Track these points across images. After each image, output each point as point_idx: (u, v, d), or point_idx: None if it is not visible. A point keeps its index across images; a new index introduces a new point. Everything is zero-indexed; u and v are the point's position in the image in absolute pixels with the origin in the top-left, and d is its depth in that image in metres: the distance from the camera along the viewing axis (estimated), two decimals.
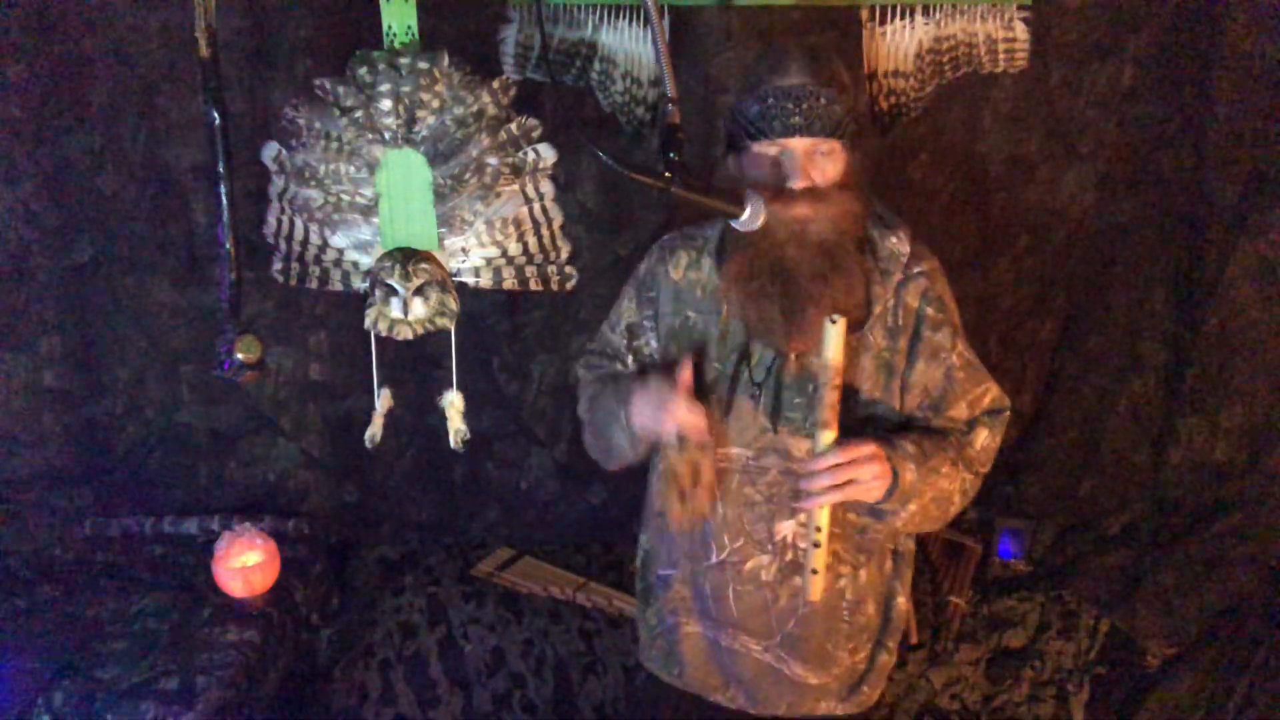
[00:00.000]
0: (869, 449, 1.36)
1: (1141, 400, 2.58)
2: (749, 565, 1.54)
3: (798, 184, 1.38)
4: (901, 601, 1.62)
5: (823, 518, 1.40)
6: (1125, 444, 2.62)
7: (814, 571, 1.43)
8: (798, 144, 1.39)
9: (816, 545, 1.41)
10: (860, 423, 1.47)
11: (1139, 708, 2.27)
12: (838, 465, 1.35)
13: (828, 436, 1.37)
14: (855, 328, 1.44)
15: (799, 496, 1.40)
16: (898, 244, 1.51)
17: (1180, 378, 2.52)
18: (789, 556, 1.52)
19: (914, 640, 2.30)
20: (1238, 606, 2.36)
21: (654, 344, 1.61)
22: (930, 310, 1.50)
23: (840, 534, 1.51)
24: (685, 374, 1.41)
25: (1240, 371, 2.47)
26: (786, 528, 1.51)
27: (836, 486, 1.35)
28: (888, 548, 1.59)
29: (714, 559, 1.55)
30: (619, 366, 1.66)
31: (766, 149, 1.41)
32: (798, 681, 1.58)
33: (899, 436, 1.44)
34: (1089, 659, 2.34)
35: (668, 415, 1.40)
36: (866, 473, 1.35)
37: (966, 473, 1.49)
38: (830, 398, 1.37)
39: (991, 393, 1.54)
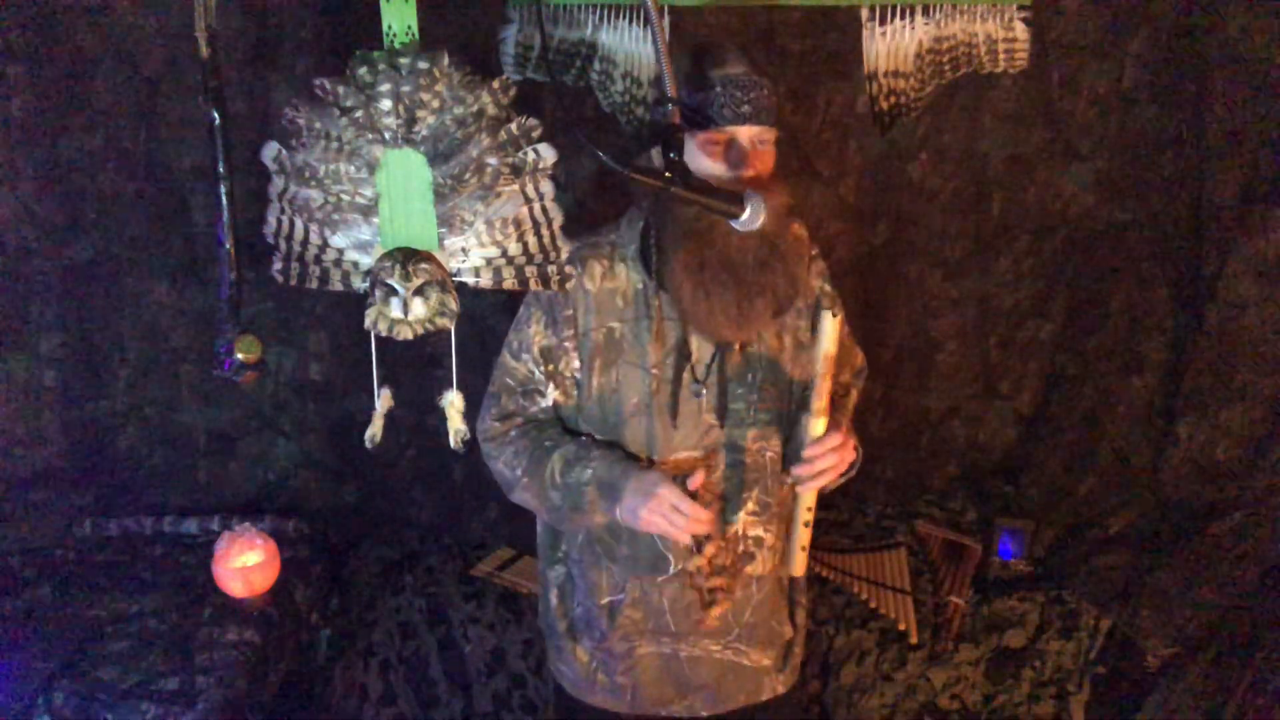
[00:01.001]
0: (844, 430, 1.44)
1: (1141, 400, 2.58)
2: None
3: (745, 173, 1.39)
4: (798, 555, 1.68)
5: (812, 498, 1.47)
6: (1125, 444, 2.62)
7: (802, 549, 1.49)
8: (744, 133, 1.39)
9: (807, 525, 1.48)
10: (796, 402, 1.53)
11: (1139, 708, 2.27)
12: (834, 449, 1.41)
13: (821, 424, 1.43)
14: (780, 312, 1.47)
15: (797, 481, 1.44)
16: (800, 230, 1.56)
17: (1180, 378, 2.52)
18: (741, 549, 1.55)
19: (914, 640, 2.30)
20: (1238, 606, 2.35)
21: (576, 363, 1.52)
22: (828, 288, 1.59)
23: (779, 513, 1.57)
24: (698, 482, 1.44)
25: (1240, 371, 2.46)
26: (737, 521, 1.54)
27: (827, 469, 1.42)
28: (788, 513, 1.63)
29: (671, 570, 1.54)
30: (538, 400, 1.56)
31: (712, 138, 1.40)
32: (754, 668, 1.61)
33: (835, 414, 1.50)
34: (1089, 659, 2.34)
35: (689, 526, 1.40)
36: (849, 453, 1.45)
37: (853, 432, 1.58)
38: (824, 386, 1.42)
39: (860, 356, 1.72)
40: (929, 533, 2.66)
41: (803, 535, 1.49)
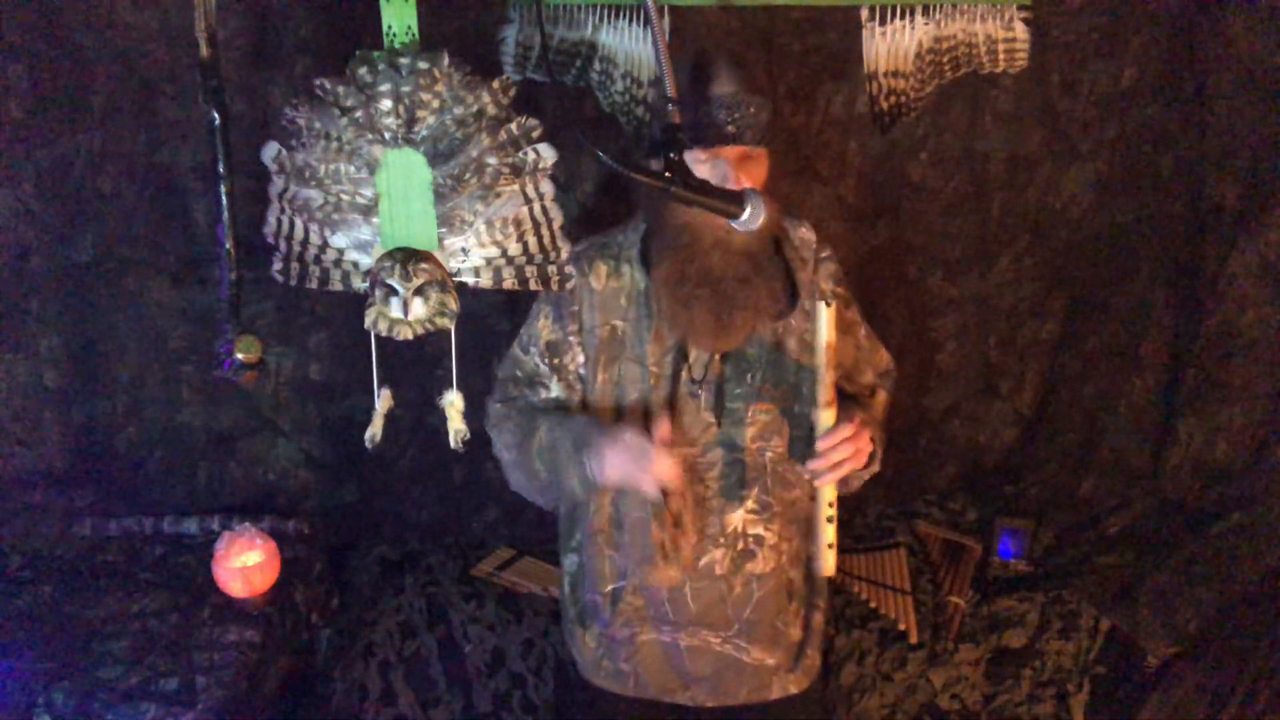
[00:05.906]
0: (858, 421, 1.44)
1: (1141, 400, 2.58)
2: (703, 561, 1.57)
3: (731, 188, 1.40)
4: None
5: (831, 493, 1.46)
6: (1125, 444, 2.62)
7: (830, 546, 1.47)
8: (730, 152, 1.42)
9: (830, 520, 1.46)
10: (798, 399, 1.54)
11: (1139, 708, 2.27)
12: (846, 440, 1.41)
13: (830, 415, 1.44)
14: (780, 316, 1.53)
15: (814, 475, 1.44)
16: (807, 233, 1.61)
17: (1180, 378, 2.52)
18: (740, 546, 1.57)
19: (914, 640, 2.30)
20: (1238, 606, 2.35)
21: (581, 358, 1.59)
22: (840, 290, 1.61)
23: (781, 512, 1.57)
24: (664, 429, 1.43)
25: (1240, 371, 2.46)
26: (737, 518, 1.55)
27: (843, 461, 1.41)
28: (801, 515, 1.64)
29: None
30: (541, 392, 1.62)
31: (698, 157, 1.43)
32: (756, 666, 1.61)
33: (850, 407, 1.50)
34: (1089, 659, 2.34)
35: (650, 472, 1.40)
36: (863, 443, 1.44)
37: (879, 431, 1.59)
38: (829, 377, 1.43)
39: (885, 357, 1.71)
40: (929, 533, 2.66)
41: (828, 532, 1.47)
